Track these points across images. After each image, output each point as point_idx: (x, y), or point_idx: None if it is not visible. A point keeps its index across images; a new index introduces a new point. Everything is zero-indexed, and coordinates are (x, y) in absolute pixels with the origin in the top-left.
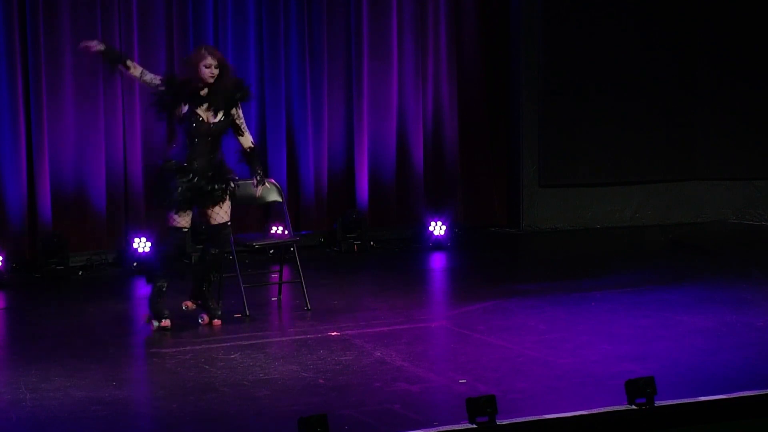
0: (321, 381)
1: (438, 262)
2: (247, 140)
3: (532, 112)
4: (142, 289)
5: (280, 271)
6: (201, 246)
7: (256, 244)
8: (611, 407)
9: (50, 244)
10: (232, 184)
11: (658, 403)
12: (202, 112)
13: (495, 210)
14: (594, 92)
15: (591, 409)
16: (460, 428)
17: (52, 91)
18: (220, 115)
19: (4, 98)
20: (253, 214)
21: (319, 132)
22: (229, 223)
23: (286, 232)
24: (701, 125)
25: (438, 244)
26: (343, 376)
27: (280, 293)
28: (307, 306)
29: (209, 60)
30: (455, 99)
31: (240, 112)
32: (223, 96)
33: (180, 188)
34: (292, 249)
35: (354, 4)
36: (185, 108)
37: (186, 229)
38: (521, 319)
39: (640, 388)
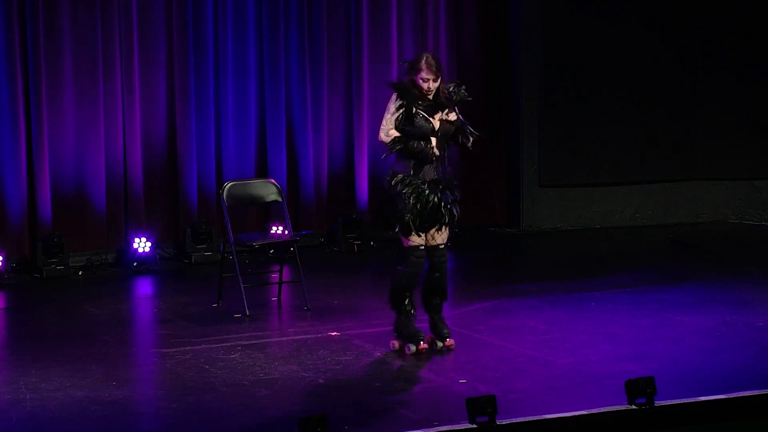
0: (321, 381)
1: None
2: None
3: (532, 112)
4: (142, 288)
5: (280, 271)
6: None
7: (256, 244)
8: (611, 407)
9: (50, 244)
10: (457, 203)
11: (658, 403)
12: (427, 117)
13: (495, 210)
14: (594, 92)
15: (591, 409)
16: (460, 428)
17: (52, 91)
18: (443, 116)
19: (4, 98)
20: (253, 214)
21: (318, 132)
22: (442, 246)
23: (286, 232)
24: (701, 125)
25: None
26: (343, 376)
27: (280, 293)
28: (307, 306)
29: (425, 74)
30: None
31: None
32: (444, 99)
33: (410, 205)
34: (292, 249)
35: (354, 4)
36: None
37: (423, 246)
38: (521, 319)
39: (640, 388)
